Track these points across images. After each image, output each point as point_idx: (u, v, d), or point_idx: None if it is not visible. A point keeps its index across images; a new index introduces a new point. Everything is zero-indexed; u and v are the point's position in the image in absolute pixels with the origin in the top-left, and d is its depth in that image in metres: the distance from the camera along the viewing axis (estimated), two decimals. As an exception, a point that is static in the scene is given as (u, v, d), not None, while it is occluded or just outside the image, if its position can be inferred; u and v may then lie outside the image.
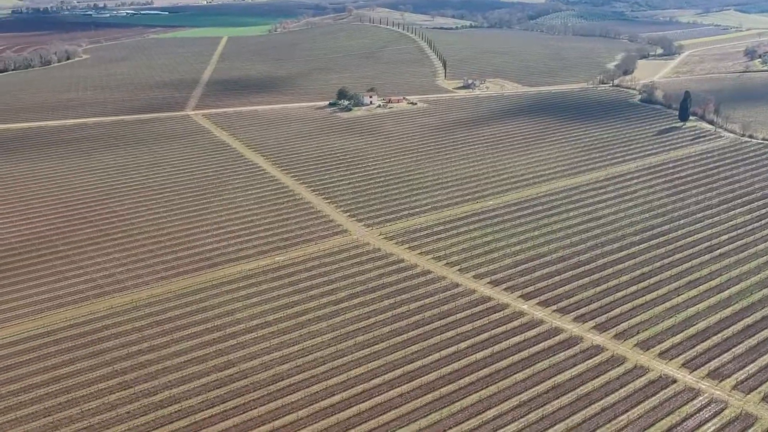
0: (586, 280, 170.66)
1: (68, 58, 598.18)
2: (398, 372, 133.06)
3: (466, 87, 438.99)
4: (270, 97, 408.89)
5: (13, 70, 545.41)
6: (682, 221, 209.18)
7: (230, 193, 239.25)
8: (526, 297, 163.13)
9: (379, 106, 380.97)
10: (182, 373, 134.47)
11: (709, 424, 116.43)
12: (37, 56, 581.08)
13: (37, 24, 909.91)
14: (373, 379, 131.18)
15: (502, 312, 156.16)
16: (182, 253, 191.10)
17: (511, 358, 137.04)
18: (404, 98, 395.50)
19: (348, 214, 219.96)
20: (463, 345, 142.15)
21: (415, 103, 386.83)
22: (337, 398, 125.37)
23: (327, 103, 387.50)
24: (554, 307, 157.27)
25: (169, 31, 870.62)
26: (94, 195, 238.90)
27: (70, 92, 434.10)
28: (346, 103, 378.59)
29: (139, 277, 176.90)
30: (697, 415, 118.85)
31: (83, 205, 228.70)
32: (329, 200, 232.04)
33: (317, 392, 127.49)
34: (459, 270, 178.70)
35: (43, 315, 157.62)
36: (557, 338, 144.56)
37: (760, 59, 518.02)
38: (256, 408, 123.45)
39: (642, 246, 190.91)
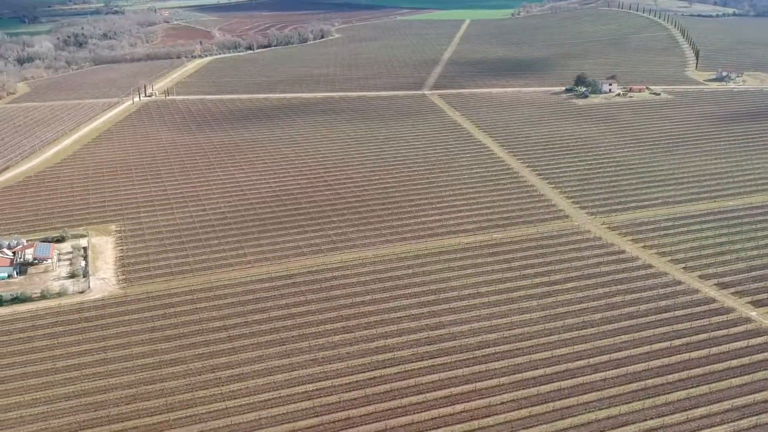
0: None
1: (322, 37, 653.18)
2: (604, 358, 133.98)
3: (719, 79, 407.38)
4: (505, 81, 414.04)
5: (275, 45, 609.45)
6: None
7: (456, 170, 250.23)
8: (757, 304, 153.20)
9: (618, 94, 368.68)
10: (397, 327, 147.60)
11: None
12: (296, 34, 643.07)
13: (299, 4, 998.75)
14: (578, 360, 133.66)
15: (725, 316, 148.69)
16: (407, 220, 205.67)
17: (729, 362, 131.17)
18: (646, 87, 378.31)
19: (571, 200, 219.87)
20: (677, 342, 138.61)
21: (659, 94, 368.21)
22: (539, 372, 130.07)
23: (563, 89, 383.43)
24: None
25: (416, 13, 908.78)
26: (335, 161, 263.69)
27: (321, 68, 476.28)
28: (583, 89, 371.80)
29: (366, 237, 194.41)
30: None
31: (324, 170, 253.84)
32: (553, 185, 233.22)
33: (521, 363, 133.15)
34: (684, 268, 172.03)
35: (287, 260, 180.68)
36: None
37: None
38: (461, 368, 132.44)
39: None
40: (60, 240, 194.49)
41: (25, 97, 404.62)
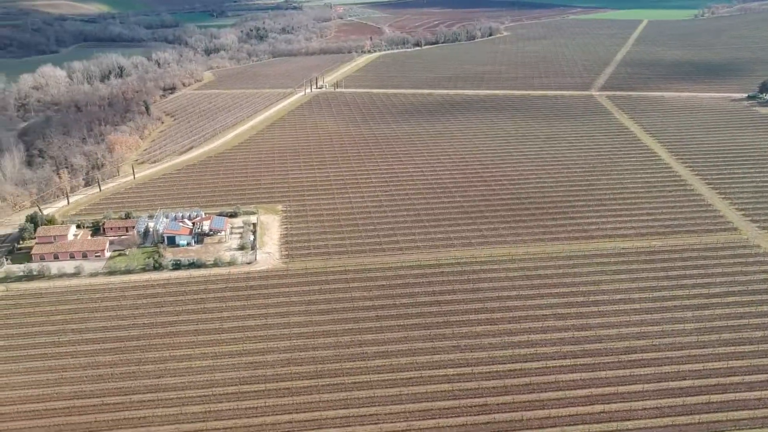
0: None
1: (490, 34, 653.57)
2: (762, 377, 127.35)
3: None
4: (680, 85, 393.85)
5: (443, 42, 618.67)
6: None
7: (618, 174, 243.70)
8: None
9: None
10: (542, 324, 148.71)
11: None
12: (463, 31, 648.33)
13: (471, 1, 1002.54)
14: (731, 376, 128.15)
15: None
16: (561, 221, 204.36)
17: None
18: None
19: (742, 212, 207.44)
20: None
21: None
22: (687, 383, 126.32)
23: (745, 95, 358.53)
24: None
25: (590, 12, 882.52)
26: (492, 158, 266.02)
27: (486, 66, 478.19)
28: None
29: (518, 235, 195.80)
30: None
31: (481, 166, 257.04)
32: (723, 196, 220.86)
33: (668, 373, 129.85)
34: None
35: (437, 250, 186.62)
36: None
37: None
38: (604, 371, 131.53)
39: None
40: (233, 215, 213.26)
41: (209, 84, 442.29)
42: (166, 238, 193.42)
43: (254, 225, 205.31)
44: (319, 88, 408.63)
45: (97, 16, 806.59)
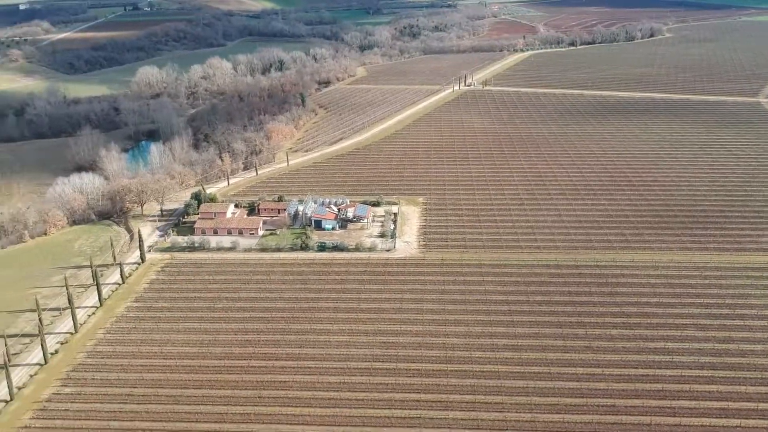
0: None
1: (651, 35, 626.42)
2: None
3: None
4: None
5: (599, 42, 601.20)
6: None
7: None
8: None
9: None
10: (681, 333, 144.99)
11: None
12: (622, 31, 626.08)
13: (633, 1, 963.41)
14: None
15: None
16: (712, 231, 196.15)
17: None
18: None
19: None
20: None
21: None
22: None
23: None
24: None
25: (765, 13, 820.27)
26: (643, 162, 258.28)
27: (644, 68, 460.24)
28: None
29: (663, 241, 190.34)
30: None
31: (630, 170, 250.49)
32: None
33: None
34: None
35: (576, 251, 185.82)
36: None
37: None
38: (744, 385, 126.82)
39: None
40: (376, 204, 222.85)
41: (361, 79, 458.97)
42: (313, 222, 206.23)
43: (395, 215, 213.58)
44: (468, 86, 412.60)
45: (260, 12, 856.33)
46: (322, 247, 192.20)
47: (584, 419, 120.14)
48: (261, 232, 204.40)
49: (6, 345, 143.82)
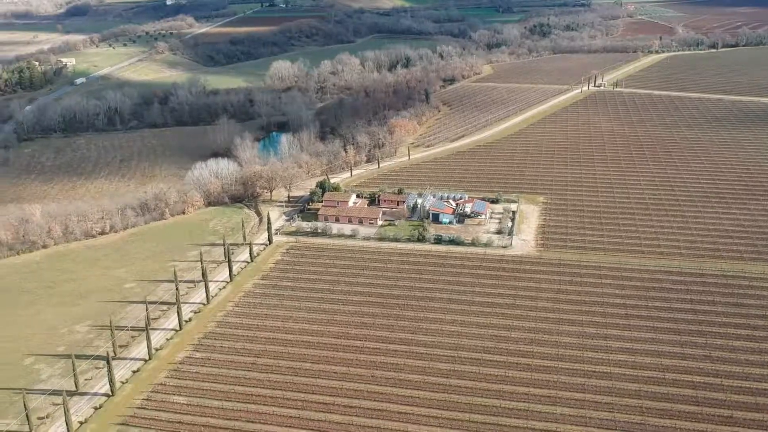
0: None
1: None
2: None
3: None
4: None
5: (743, 45, 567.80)
6: None
7: None
8: None
9: None
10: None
11: None
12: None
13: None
14: None
15: None
16: None
17: None
18: None
19: None
20: None
21: None
22: None
23: None
24: None
25: None
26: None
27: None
28: None
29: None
30: None
31: (766, 178, 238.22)
32: None
33: None
34: None
35: (702, 259, 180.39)
36: None
37: None
38: None
39: None
40: (494, 201, 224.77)
41: (487, 77, 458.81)
42: (431, 215, 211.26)
43: (513, 212, 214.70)
44: (597, 87, 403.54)
45: (390, 10, 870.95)
46: (439, 240, 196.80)
47: (698, 427, 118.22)
48: (380, 222, 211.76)
49: (147, 310, 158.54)
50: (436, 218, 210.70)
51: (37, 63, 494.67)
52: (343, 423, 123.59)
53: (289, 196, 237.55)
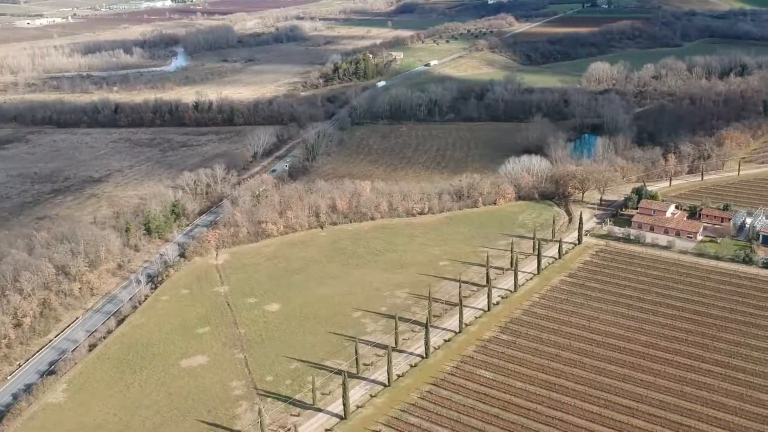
0: None
1: None
2: None
3: None
4: None
5: None
6: None
7: None
8: None
9: None
10: None
11: None
12: None
13: None
14: None
15: None
16: None
17: None
18: None
19: None
20: None
21: None
22: None
23: None
24: None
25: None
26: None
27: None
28: None
29: None
30: None
31: None
32: None
33: None
34: None
35: None
36: None
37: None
38: None
39: None
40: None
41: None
42: (761, 237, 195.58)
43: None
44: None
45: (726, 13, 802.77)
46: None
47: None
48: (700, 237, 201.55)
49: (460, 287, 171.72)
50: (766, 241, 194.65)
51: (371, 55, 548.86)
52: (646, 430, 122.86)
53: (601, 199, 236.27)
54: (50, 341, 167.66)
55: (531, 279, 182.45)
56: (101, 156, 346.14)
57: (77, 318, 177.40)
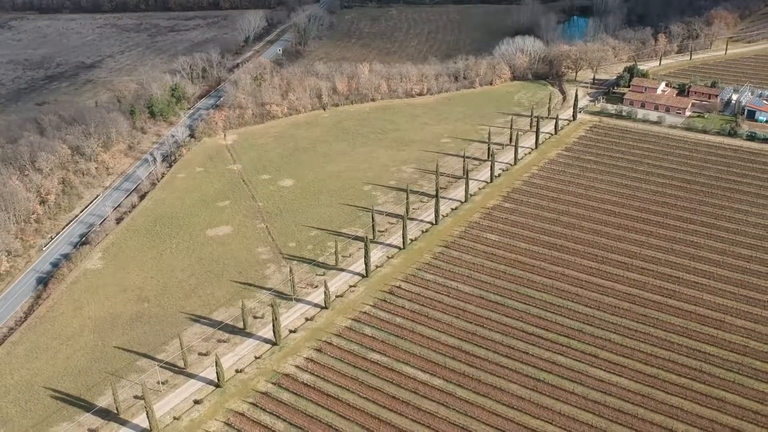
0: None
1: None
2: None
3: None
4: None
5: None
6: None
7: None
8: None
9: None
10: None
11: None
12: None
13: None
14: None
15: None
16: None
17: None
18: None
19: None
20: None
21: None
22: None
23: None
24: None
25: None
26: None
27: None
28: None
29: None
30: None
31: None
32: None
33: None
34: None
35: None
36: None
37: None
38: None
39: None
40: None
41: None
42: (746, 111, 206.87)
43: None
44: None
45: None
46: (752, 137, 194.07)
47: None
48: (688, 113, 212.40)
49: (465, 161, 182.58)
50: (751, 115, 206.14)
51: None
52: (640, 281, 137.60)
53: (594, 78, 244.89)
54: (76, 216, 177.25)
55: (529, 153, 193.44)
56: (89, 42, 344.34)
57: (98, 195, 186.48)
